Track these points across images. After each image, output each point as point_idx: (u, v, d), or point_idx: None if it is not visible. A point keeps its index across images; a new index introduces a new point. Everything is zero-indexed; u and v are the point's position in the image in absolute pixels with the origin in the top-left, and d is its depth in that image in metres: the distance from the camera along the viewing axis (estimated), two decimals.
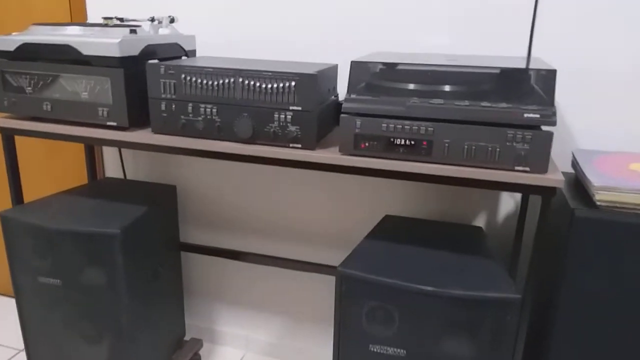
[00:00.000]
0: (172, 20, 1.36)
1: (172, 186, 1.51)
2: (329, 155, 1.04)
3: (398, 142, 1.01)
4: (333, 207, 1.51)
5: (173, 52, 1.30)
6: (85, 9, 1.53)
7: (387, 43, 1.34)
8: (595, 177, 1.01)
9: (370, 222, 1.49)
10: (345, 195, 1.49)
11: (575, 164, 1.16)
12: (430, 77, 1.02)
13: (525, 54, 1.26)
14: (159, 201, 1.44)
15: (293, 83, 1.04)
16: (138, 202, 1.38)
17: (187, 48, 1.35)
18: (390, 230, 1.30)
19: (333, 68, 1.20)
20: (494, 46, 1.27)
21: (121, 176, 1.67)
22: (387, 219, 1.36)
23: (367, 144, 1.03)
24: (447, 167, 0.98)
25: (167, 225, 1.49)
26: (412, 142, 1.00)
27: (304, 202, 1.53)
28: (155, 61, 1.13)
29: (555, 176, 0.94)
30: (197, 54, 1.45)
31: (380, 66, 1.04)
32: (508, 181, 0.95)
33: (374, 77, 1.05)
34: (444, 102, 0.97)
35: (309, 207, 1.53)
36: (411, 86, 1.02)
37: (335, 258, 1.56)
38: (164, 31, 1.33)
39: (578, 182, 1.13)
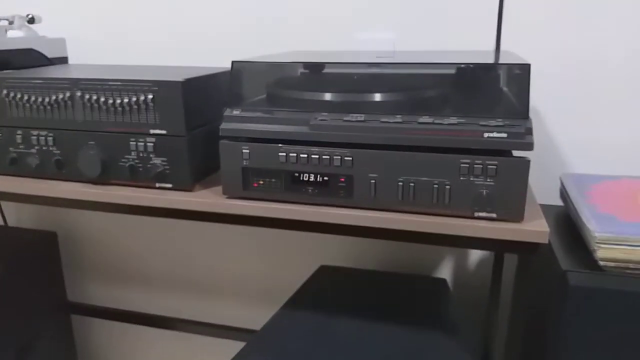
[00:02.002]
0: (31, 21, 1.04)
1: (52, 233, 1.18)
2: (207, 200, 0.71)
3: (305, 179, 0.68)
4: (259, 255, 1.18)
5: (28, 60, 0.98)
6: None
7: (316, 41, 1.02)
8: (595, 221, 0.68)
9: (304, 273, 1.16)
10: (275, 240, 1.16)
11: (564, 194, 0.84)
12: (348, 82, 0.70)
13: (494, 48, 0.95)
14: (31, 254, 1.11)
15: (150, 96, 0.71)
16: None
17: (50, 55, 1.03)
18: (323, 287, 0.97)
19: (228, 73, 0.87)
20: (458, 42, 0.95)
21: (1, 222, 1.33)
22: (323, 271, 1.03)
23: (261, 182, 0.70)
24: (375, 213, 0.66)
25: (41, 283, 1.15)
26: (325, 179, 0.68)
27: (225, 250, 1.20)
28: None
29: (535, 226, 0.61)
30: (71, 62, 1.12)
31: (274, 68, 0.71)
32: (463, 234, 0.63)
33: (266, 84, 0.72)
34: (364, 118, 0.65)
35: (230, 255, 1.20)
36: (321, 96, 0.69)
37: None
38: (16, 34, 1.01)
39: (570, 223, 0.80)
